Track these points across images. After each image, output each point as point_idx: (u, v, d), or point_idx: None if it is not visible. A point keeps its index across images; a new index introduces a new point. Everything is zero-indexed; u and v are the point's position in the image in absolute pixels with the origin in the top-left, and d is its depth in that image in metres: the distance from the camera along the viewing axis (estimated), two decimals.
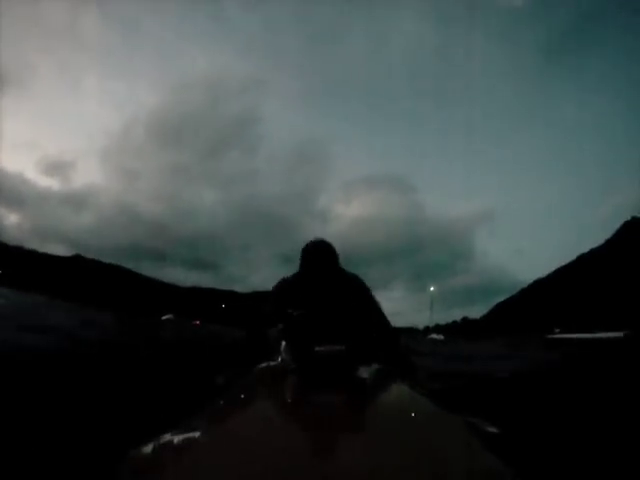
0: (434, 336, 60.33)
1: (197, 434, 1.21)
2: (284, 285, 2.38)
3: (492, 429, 1.37)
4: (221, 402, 1.67)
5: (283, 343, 2.28)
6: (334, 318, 2.18)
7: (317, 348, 2.05)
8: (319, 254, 2.27)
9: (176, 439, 1.18)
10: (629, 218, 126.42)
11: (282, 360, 2.24)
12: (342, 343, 2.08)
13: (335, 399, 1.62)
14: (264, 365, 2.31)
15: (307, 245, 2.33)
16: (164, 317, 61.17)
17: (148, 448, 1.13)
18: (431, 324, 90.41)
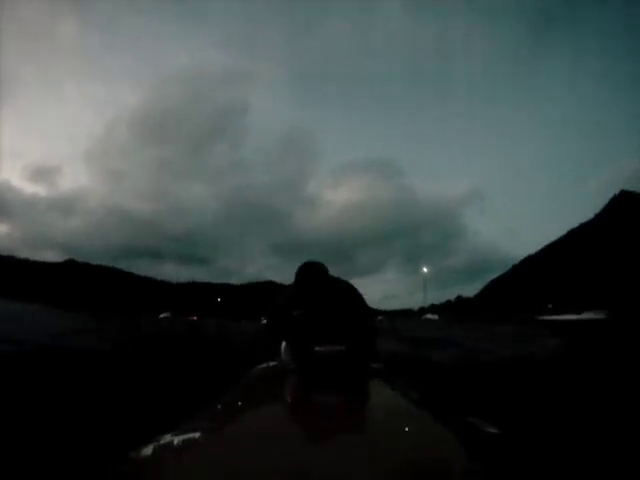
0: (429, 316, 60.85)
1: (197, 434, 1.26)
2: (285, 293, 2.52)
3: (491, 429, 1.39)
4: (221, 402, 1.72)
5: (283, 343, 2.34)
6: (333, 318, 2.24)
7: (317, 348, 2.09)
8: (310, 270, 2.39)
9: (176, 440, 1.23)
10: (618, 192, 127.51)
11: (282, 360, 2.29)
12: (342, 343, 2.12)
13: (334, 400, 1.63)
14: (264, 365, 2.37)
15: (299, 267, 2.44)
16: (161, 315, 61.18)
17: (149, 449, 1.17)
18: (426, 305, 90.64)
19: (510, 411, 4.34)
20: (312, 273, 2.38)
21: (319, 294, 2.31)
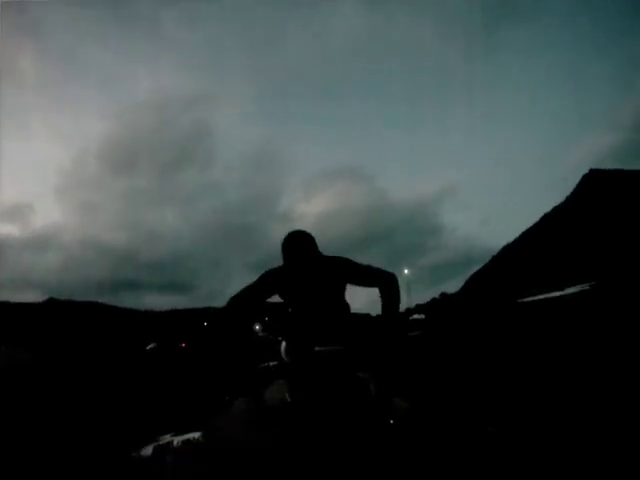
0: (416, 316, 61.32)
1: (197, 435, 1.33)
2: (270, 273, 2.44)
3: (491, 429, 1.46)
4: (221, 403, 1.83)
5: (283, 343, 2.31)
6: (332, 317, 2.23)
7: (317, 348, 2.04)
8: (296, 244, 2.35)
9: (176, 440, 1.31)
10: (587, 171, 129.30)
11: (282, 360, 2.27)
12: (341, 343, 2.08)
13: (333, 400, 1.63)
14: (264, 365, 2.33)
15: (285, 238, 2.39)
16: (149, 347, 59.93)
17: (148, 449, 1.24)
18: (411, 305, 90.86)
19: None
20: (301, 248, 2.36)
21: (313, 276, 2.30)
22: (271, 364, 2.34)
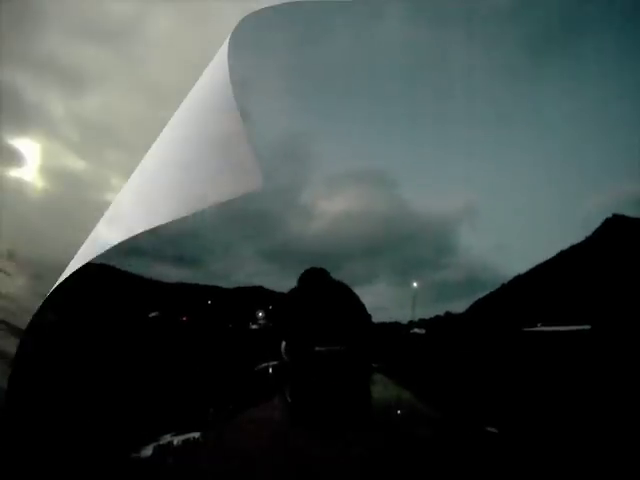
0: (416, 330, 60.48)
1: (197, 435, 1.31)
2: (289, 297, 2.51)
3: (491, 429, 1.42)
4: (221, 403, 1.80)
5: (283, 343, 2.29)
6: (332, 321, 2.23)
7: (317, 348, 2.03)
8: (311, 277, 2.45)
9: (176, 440, 1.27)
10: (611, 215, 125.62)
11: (282, 360, 2.22)
12: (341, 343, 2.07)
13: (333, 399, 1.61)
14: (264, 365, 2.43)
15: (302, 273, 2.49)
16: (152, 314, 59.85)
17: (149, 449, 1.20)
18: (414, 319, 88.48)
19: None
20: (313, 279, 2.48)
21: (320, 299, 2.38)
22: (271, 364, 2.43)
